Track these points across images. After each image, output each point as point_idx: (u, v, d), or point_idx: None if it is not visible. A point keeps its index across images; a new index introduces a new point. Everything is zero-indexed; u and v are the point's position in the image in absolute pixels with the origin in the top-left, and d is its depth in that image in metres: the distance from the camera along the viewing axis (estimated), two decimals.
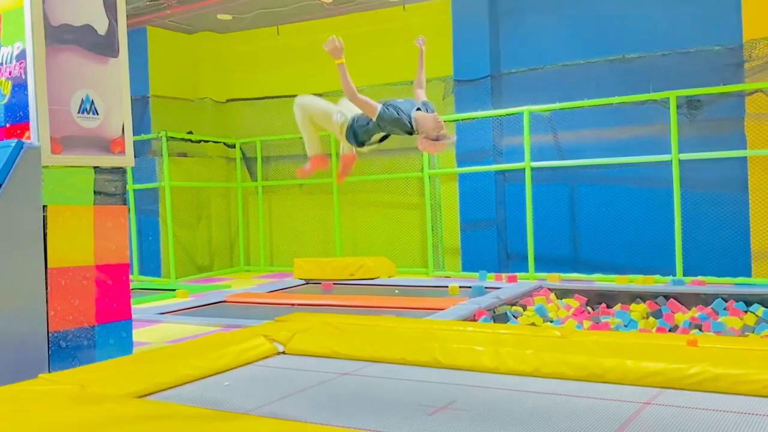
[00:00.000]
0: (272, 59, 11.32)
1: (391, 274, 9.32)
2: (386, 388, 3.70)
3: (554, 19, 9.19)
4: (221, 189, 11.50)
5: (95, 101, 4.53)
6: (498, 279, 8.45)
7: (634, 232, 8.58)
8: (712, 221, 8.15)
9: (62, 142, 4.34)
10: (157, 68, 10.91)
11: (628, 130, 8.60)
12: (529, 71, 9.33)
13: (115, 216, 4.65)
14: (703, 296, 6.69)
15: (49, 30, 4.30)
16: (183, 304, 7.37)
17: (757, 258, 7.91)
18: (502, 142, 9.38)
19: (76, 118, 4.43)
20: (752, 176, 7.97)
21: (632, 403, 3.24)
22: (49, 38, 4.30)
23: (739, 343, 4.03)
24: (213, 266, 11.30)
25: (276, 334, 4.56)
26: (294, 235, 11.15)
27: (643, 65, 8.55)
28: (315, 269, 9.23)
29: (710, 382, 3.35)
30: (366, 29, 10.51)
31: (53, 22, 4.33)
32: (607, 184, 8.80)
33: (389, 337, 4.41)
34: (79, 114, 4.44)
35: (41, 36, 4.26)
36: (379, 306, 6.92)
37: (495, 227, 9.34)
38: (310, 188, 10.93)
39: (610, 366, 3.60)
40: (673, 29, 8.47)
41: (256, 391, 3.66)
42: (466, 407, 3.29)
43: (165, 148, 10.09)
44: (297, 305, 7.16)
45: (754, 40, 7.96)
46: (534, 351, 3.87)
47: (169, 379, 3.76)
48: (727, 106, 8.03)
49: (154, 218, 10.58)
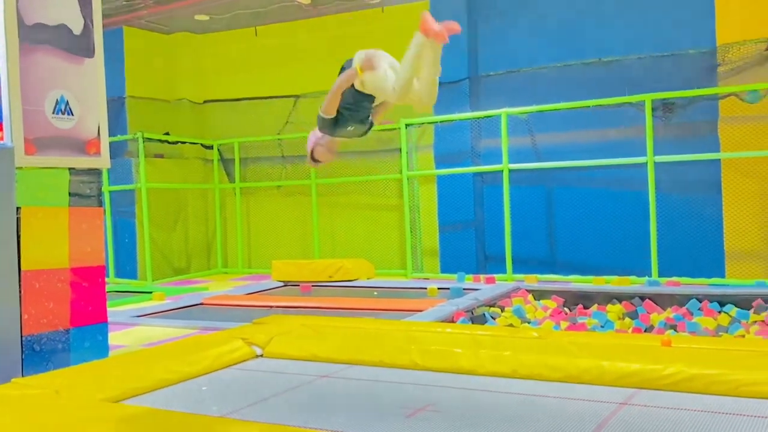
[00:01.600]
0: (250, 60, 11.28)
1: (369, 275, 9.32)
2: (364, 391, 3.70)
3: (531, 22, 9.27)
4: (198, 190, 11.42)
5: (70, 102, 4.48)
6: (476, 280, 8.49)
7: (611, 233, 8.67)
8: (687, 223, 8.26)
9: (36, 143, 4.28)
10: (133, 69, 10.82)
11: (605, 133, 8.69)
12: (506, 74, 9.39)
13: (91, 218, 4.59)
14: (678, 297, 6.77)
15: (23, 29, 4.24)
16: (160, 307, 7.30)
17: (730, 259, 8.04)
18: (480, 144, 9.43)
19: (50, 118, 4.37)
20: (725, 178, 8.09)
21: (608, 404, 3.27)
22: (23, 38, 4.24)
23: (713, 344, 4.09)
24: (190, 268, 11.21)
25: (254, 337, 4.54)
26: (272, 236, 11.11)
27: (619, 68, 8.66)
28: (293, 271, 9.20)
29: (685, 382, 3.40)
30: (344, 31, 10.51)
31: (27, 21, 4.27)
32: (584, 186, 8.89)
33: (368, 340, 4.41)
34: (53, 114, 4.38)
35: (15, 35, 4.20)
36: (357, 308, 6.91)
37: (473, 229, 9.38)
38: (289, 190, 10.90)
39: (587, 367, 3.63)
40: (648, 33, 8.58)
41: (234, 395, 3.64)
42: (444, 409, 3.29)
43: (141, 150, 10.01)
44: (275, 307, 7.13)
45: (728, 44, 8.09)
46: (512, 352, 3.89)
47: (146, 383, 3.72)
48: (701, 109, 8.15)
49: (131, 220, 10.47)
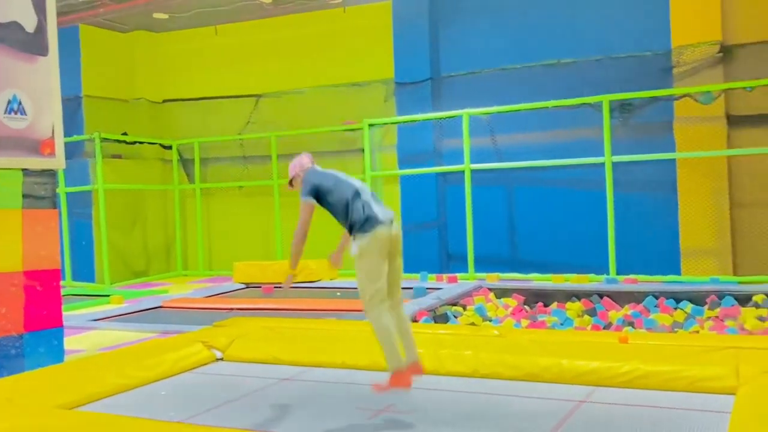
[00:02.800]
0: (210, 59, 11.14)
1: (333, 276, 9.29)
2: (325, 393, 3.68)
3: (493, 24, 9.34)
4: (157, 191, 11.25)
5: (23, 101, 4.36)
6: (439, 280, 8.53)
7: (570, 232, 8.79)
8: (644, 221, 8.42)
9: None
10: (90, 67, 10.60)
11: (564, 133, 8.80)
12: (468, 75, 9.45)
13: (45, 220, 4.48)
14: (635, 294, 6.90)
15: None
16: (117, 310, 7.17)
17: (685, 256, 8.21)
18: (442, 145, 9.47)
19: (2, 118, 4.25)
20: (681, 177, 8.26)
21: (568, 402, 3.31)
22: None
23: (669, 340, 4.17)
24: (149, 271, 11.03)
25: (214, 340, 4.48)
26: (233, 238, 10.99)
27: (578, 70, 8.78)
28: (255, 272, 9.11)
29: (641, 379, 3.46)
30: (306, 30, 10.46)
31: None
32: (544, 185, 8.99)
33: (330, 341, 4.39)
34: (5, 114, 4.27)
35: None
36: (321, 309, 6.88)
37: (436, 228, 9.42)
38: (250, 190, 10.80)
39: (547, 365, 3.67)
40: (605, 35, 8.71)
41: (192, 400, 3.59)
42: (405, 410, 3.30)
43: (98, 150, 9.80)
44: (236, 310, 7.05)
45: (682, 47, 8.27)
46: (473, 352, 3.91)
47: (102, 388, 3.65)
48: (657, 110, 8.31)
49: (88, 222, 10.26)
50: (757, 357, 3.49)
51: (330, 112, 10.21)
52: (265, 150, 10.46)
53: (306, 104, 10.46)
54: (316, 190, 3.36)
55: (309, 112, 10.39)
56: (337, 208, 3.32)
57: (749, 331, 5.39)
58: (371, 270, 3.16)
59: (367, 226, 3.18)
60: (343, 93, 10.28)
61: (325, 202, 3.37)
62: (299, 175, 3.52)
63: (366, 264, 3.17)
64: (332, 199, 3.33)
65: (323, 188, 3.36)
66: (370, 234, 3.16)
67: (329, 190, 3.34)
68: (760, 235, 7.89)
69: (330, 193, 3.34)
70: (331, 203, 3.34)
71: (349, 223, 3.27)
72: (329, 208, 3.38)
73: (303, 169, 3.53)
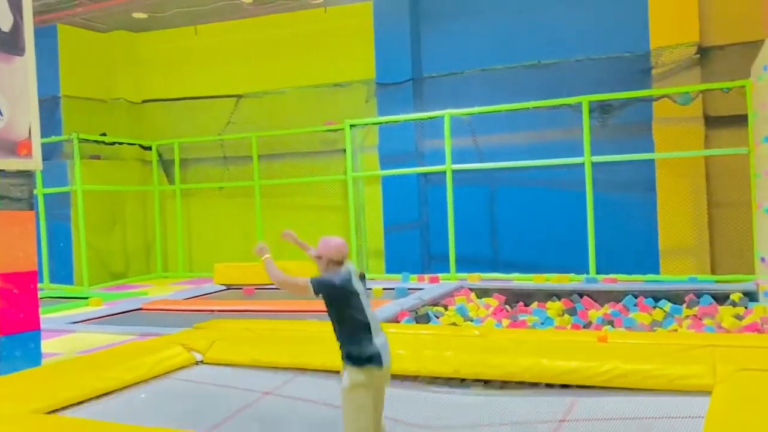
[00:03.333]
0: (190, 59, 11.07)
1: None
2: (307, 400, 3.66)
3: (474, 25, 9.37)
4: (137, 193, 11.15)
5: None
6: (421, 280, 8.54)
7: (550, 232, 8.84)
8: (623, 221, 8.49)
9: None
10: (68, 67, 10.49)
11: (544, 134, 8.85)
12: (449, 75, 9.48)
13: (22, 222, 4.43)
14: (614, 293, 6.96)
15: None
16: (96, 313, 7.10)
17: (664, 256, 8.29)
18: (424, 145, 9.48)
19: None
20: (660, 177, 8.34)
21: (555, 400, 3.32)
22: None
23: (647, 339, 4.21)
24: (128, 273, 10.93)
25: (194, 342, 4.44)
26: (214, 239, 10.92)
27: (558, 71, 8.84)
28: (236, 274, 9.06)
29: (620, 378, 3.48)
30: (287, 31, 10.43)
31: None
32: (524, 185, 9.04)
33: (311, 343, 4.37)
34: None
35: None
36: (302, 310, 6.85)
37: (418, 229, 9.43)
38: (231, 191, 10.74)
39: (527, 365, 3.68)
40: (585, 37, 8.78)
41: (172, 404, 3.55)
42: (387, 412, 3.28)
43: (77, 151, 9.70)
44: (217, 311, 7.01)
45: (660, 48, 8.35)
46: (454, 352, 3.91)
47: (80, 392, 3.60)
48: (636, 111, 8.39)
49: (66, 223, 10.14)
50: (734, 355, 3.53)
51: (311, 113, 10.19)
52: (246, 151, 10.41)
53: (287, 104, 10.42)
54: (331, 292, 3.02)
55: (290, 112, 10.36)
56: (343, 325, 3.00)
57: (727, 330, 5.46)
58: (362, 405, 2.90)
59: (368, 364, 2.90)
60: (324, 93, 10.26)
61: (333, 309, 3.03)
62: (327, 259, 3.15)
63: (357, 399, 2.90)
64: (343, 314, 2.99)
65: (342, 299, 3.01)
66: (369, 373, 2.90)
67: (347, 305, 2.99)
68: (737, 234, 7.98)
69: (345, 308, 2.99)
70: (339, 317, 3.01)
71: (347, 351, 2.95)
72: (334, 316, 3.03)
73: (333, 259, 3.15)
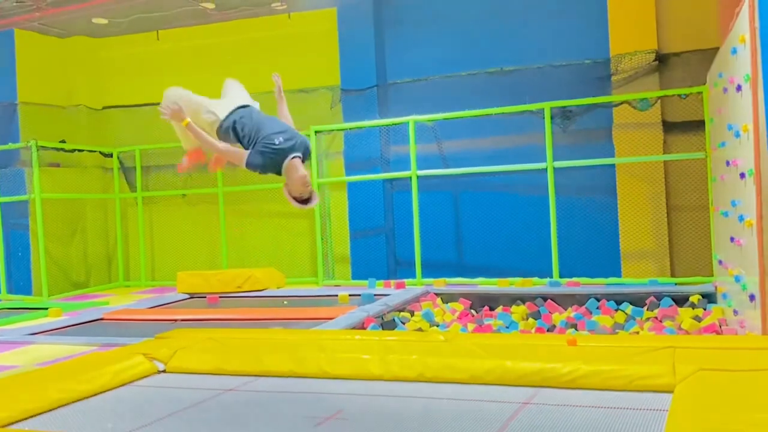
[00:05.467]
0: (152, 65, 10.93)
1: (279, 285, 9.21)
2: (272, 402, 3.64)
3: (437, 31, 9.44)
4: (98, 201, 10.96)
5: None
6: (387, 286, 8.54)
7: (514, 236, 8.93)
8: (585, 225, 8.62)
9: None
10: (25, 73, 10.28)
11: (507, 140, 8.95)
12: (414, 82, 9.53)
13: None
14: (577, 296, 7.05)
15: None
16: (56, 324, 6.94)
17: (626, 259, 8.43)
18: (389, 151, 9.51)
19: None
20: (620, 182, 8.49)
21: (511, 404, 3.35)
22: None
23: (609, 341, 4.27)
24: (89, 282, 10.73)
25: (156, 351, 4.38)
26: (177, 247, 10.79)
27: (520, 77, 8.95)
28: (200, 282, 8.96)
29: (583, 379, 3.53)
30: (250, 36, 10.37)
31: None
32: (488, 191, 9.11)
33: (276, 350, 4.34)
34: None
35: None
36: (267, 318, 6.80)
37: (384, 235, 9.44)
38: (194, 199, 10.62)
39: (490, 367, 3.71)
40: (546, 44, 8.91)
41: (132, 413, 3.50)
42: (352, 416, 3.29)
43: (35, 158, 9.50)
44: (180, 321, 6.92)
45: (620, 55, 8.51)
46: (419, 356, 3.93)
47: (38, 404, 3.52)
48: (597, 117, 8.53)
49: (24, 232, 9.93)
50: (693, 355, 3.60)
51: None
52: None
53: None
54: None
55: None
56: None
57: (686, 331, 5.56)
58: None
59: None
60: (289, 99, 10.08)
61: None
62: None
63: None
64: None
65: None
66: None
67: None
68: (696, 237, 8.16)
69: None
70: None
71: None
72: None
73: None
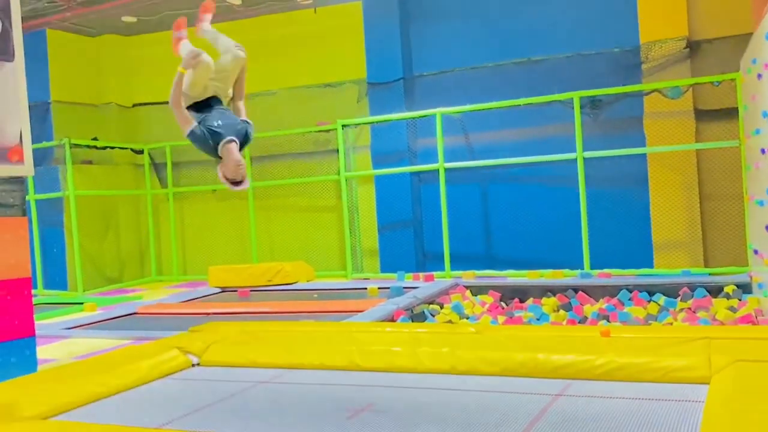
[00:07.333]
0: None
1: (309, 278, 9.27)
2: (304, 394, 3.67)
3: (463, 22, 9.39)
4: (130, 197, 11.12)
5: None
6: (416, 279, 8.55)
7: (544, 228, 8.87)
8: (616, 216, 8.52)
9: None
10: (58, 72, 10.45)
11: (536, 130, 8.88)
12: (440, 74, 9.49)
13: (14, 228, 4.41)
14: (609, 288, 6.98)
15: None
16: (91, 318, 7.08)
17: (658, 249, 8.33)
18: (416, 144, 9.50)
19: None
20: (651, 172, 8.38)
21: (544, 395, 3.34)
22: None
23: (643, 332, 4.22)
24: (123, 277, 10.91)
25: (190, 345, 4.44)
26: (208, 242, 10.91)
27: (548, 67, 8.87)
28: (231, 276, 9.06)
29: (617, 371, 3.50)
30: (277, 32, 10.42)
31: None
32: (517, 182, 9.06)
33: (307, 343, 4.38)
34: None
35: None
36: (298, 311, 6.87)
37: (412, 228, 9.44)
38: (224, 193, 10.72)
39: (523, 360, 3.69)
40: (575, 32, 8.81)
41: (168, 406, 3.55)
42: (384, 409, 3.30)
43: (68, 156, 9.68)
44: (212, 314, 7.00)
45: (650, 42, 8.39)
46: (450, 349, 3.92)
47: (77, 398, 3.59)
48: (627, 106, 8.43)
49: (59, 229, 10.12)
50: (729, 347, 3.55)
51: (303, 114, 10.19)
52: None
53: (278, 106, 10.42)
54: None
55: (282, 113, 10.35)
56: None
57: (721, 322, 5.48)
58: None
59: None
60: (315, 94, 10.26)
61: None
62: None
63: None
64: None
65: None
66: None
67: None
68: (729, 226, 8.02)
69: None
70: None
71: None
72: None
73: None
